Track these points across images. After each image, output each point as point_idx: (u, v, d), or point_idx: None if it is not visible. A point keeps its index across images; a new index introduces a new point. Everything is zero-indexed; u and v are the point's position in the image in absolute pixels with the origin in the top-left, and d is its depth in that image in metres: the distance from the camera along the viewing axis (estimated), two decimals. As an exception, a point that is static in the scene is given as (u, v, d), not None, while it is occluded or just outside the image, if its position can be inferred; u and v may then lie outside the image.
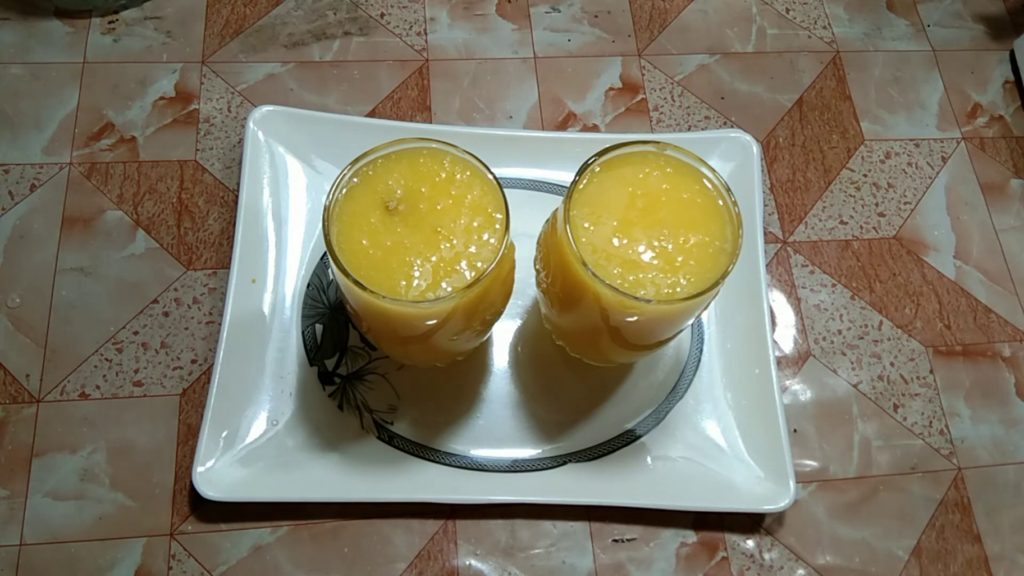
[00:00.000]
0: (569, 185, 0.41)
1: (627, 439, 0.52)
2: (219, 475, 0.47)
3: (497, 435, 0.51)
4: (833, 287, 0.59)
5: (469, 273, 0.39)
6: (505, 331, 0.54)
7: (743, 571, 0.50)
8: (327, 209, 0.40)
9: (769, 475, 0.50)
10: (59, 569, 0.47)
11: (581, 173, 0.42)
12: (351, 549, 0.49)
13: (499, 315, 0.46)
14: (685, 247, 0.40)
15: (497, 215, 0.41)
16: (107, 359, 0.52)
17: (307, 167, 0.57)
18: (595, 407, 0.52)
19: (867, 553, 0.51)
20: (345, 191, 0.41)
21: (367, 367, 0.52)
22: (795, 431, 0.54)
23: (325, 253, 0.54)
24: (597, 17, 0.67)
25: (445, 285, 0.39)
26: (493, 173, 0.41)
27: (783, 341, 0.57)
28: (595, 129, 0.62)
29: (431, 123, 0.61)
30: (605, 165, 0.42)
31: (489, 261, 0.39)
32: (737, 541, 0.51)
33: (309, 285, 0.54)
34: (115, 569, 0.47)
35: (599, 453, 0.51)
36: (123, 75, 0.60)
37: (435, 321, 0.41)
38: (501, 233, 0.40)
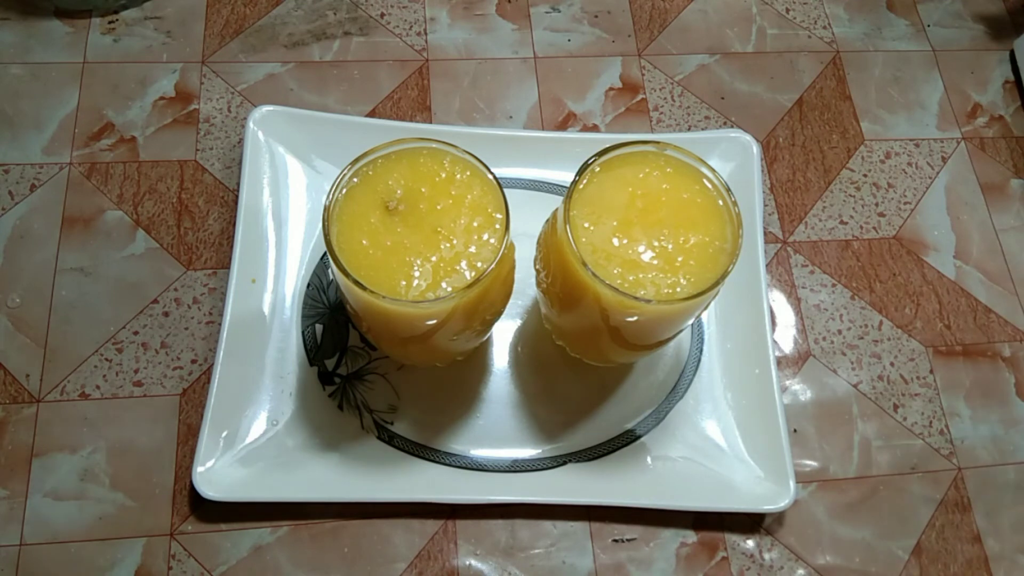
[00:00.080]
0: (569, 185, 0.41)
1: (627, 439, 0.52)
2: (219, 475, 0.47)
3: (497, 435, 0.51)
4: (833, 287, 0.59)
5: (469, 273, 0.39)
6: (505, 331, 0.54)
7: (743, 571, 0.50)
8: (327, 209, 0.40)
9: (769, 475, 0.50)
10: (59, 569, 0.47)
11: (581, 173, 0.42)
12: (351, 549, 0.49)
13: (499, 315, 0.46)
14: (685, 247, 0.40)
15: (497, 215, 0.41)
16: (107, 359, 0.52)
17: (307, 167, 0.56)
18: (595, 407, 0.52)
19: (867, 553, 0.51)
20: (345, 191, 0.41)
21: (367, 367, 0.52)
22: (795, 431, 0.54)
23: (325, 253, 0.54)
24: (597, 17, 0.67)
25: (445, 285, 0.39)
26: (493, 173, 0.41)
27: (783, 341, 0.57)
28: (595, 129, 0.62)
29: (431, 123, 0.61)
30: (605, 165, 0.42)
31: (489, 261, 0.39)
32: (737, 541, 0.51)
33: (309, 285, 0.54)
34: (115, 569, 0.47)
35: (599, 453, 0.51)
36: (123, 75, 0.60)
37: (435, 321, 0.41)
38: (501, 233, 0.40)
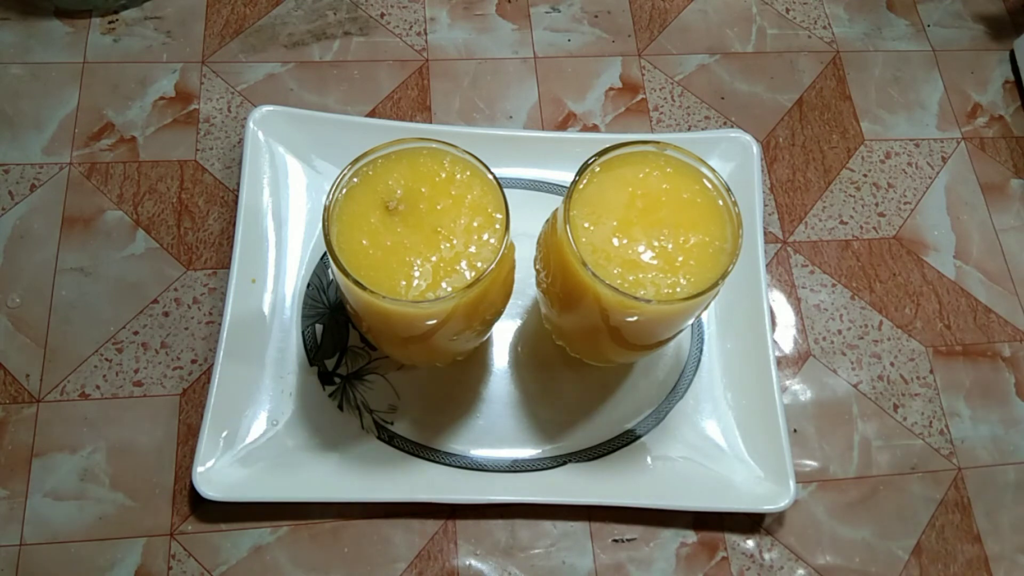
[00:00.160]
0: (569, 185, 0.41)
1: (627, 439, 0.52)
2: (219, 475, 0.47)
3: (497, 435, 0.51)
4: (833, 287, 0.59)
5: (469, 273, 0.39)
6: (505, 331, 0.54)
7: (743, 571, 0.50)
8: (327, 209, 0.40)
9: (769, 475, 0.50)
10: (59, 569, 0.47)
11: (581, 173, 0.42)
12: (351, 549, 0.49)
13: (499, 315, 0.46)
14: (685, 247, 0.40)
15: (497, 215, 0.41)
16: (107, 359, 0.52)
17: (307, 167, 0.56)
18: (595, 407, 0.52)
19: (867, 553, 0.51)
20: (345, 191, 0.41)
21: (367, 367, 0.52)
22: (795, 431, 0.54)
23: (325, 253, 0.54)
24: (597, 17, 0.67)
25: (445, 285, 0.39)
26: (493, 173, 0.41)
27: (783, 341, 0.57)
28: (595, 129, 0.62)
29: (431, 123, 0.61)
30: (605, 165, 0.42)
31: (489, 261, 0.39)
32: (737, 541, 0.51)
33: (309, 285, 0.54)
34: (115, 569, 0.47)
35: (599, 453, 0.51)
36: (123, 75, 0.60)
37: (435, 321, 0.41)
38: (501, 233, 0.40)
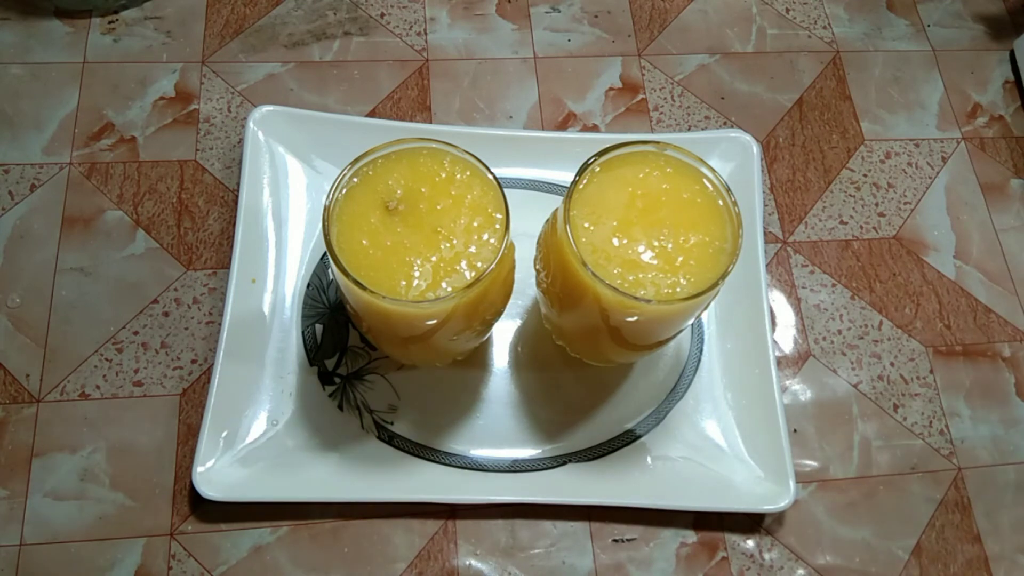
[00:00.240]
0: (569, 185, 0.41)
1: (627, 439, 0.52)
2: (219, 475, 0.47)
3: (497, 435, 0.51)
4: (833, 287, 0.59)
5: (469, 273, 0.39)
6: (505, 331, 0.54)
7: (743, 571, 0.50)
8: (327, 209, 0.40)
9: (769, 475, 0.50)
10: (59, 569, 0.47)
11: (581, 173, 0.42)
12: (351, 549, 0.49)
13: (499, 315, 0.46)
14: (685, 247, 0.40)
15: (497, 215, 0.41)
16: (107, 359, 0.52)
17: (307, 167, 0.56)
18: (595, 407, 0.52)
19: (867, 553, 0.51)
20: (345, 191, 0.41)
21: (367, 367, 0.52)
22: (795, 431, 0.54)
23: (325, 253, 0.54)
24: (597, 17, 0.67)
25: (445, 285, 0.39)
26: (493, 173, 0.41)
27: (783, 341, 0.57)
28: (595, 129, 0.62)
29: (431, 123, 0.61)
30: (605, 165, 0.42)
31: (489, 261, 0.39)
32: (737, 541, 0.51)
33: (309, 285, 0.54)
34: (115, 569, 0.47)
35: (599, 453, 0.51)
36: (123, 75, 0.60)
37: (435, 321, 0.41)
38: (501, 233, 0.40)
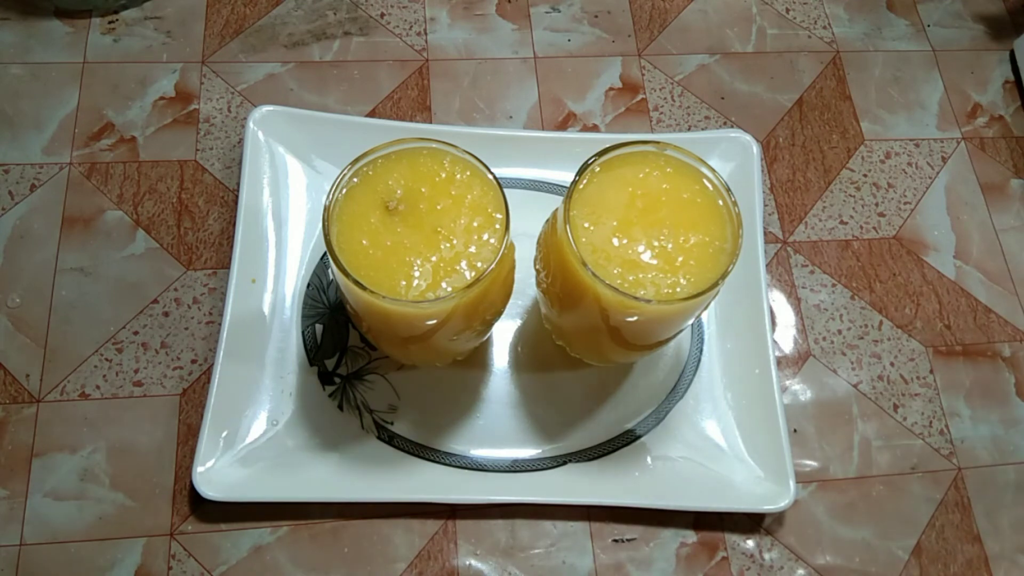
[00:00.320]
0: (569, 185, 0.41)
1: (627, 439, 0.52)
2: (219, 475, 0.47)
3: (497, 435, 0.51)
4: (833, 287, 0.59)
5: (469, 273, 0.39)
6: (505, 331, 0.54)
7: (743, 571, 0.50)
8: (327, 209, 0.40)
9: (769, 475, 0.50)
10: (59, 569, 0.47)
11: (581, 173, 0.42)
12: (351, 549, 0.49)
13: (499, 315, 0.46)
14: (685, 247, 0.40)
15: (497, 215, 0.41)
16: (107, 359, 0.52)
17: (307, 167, 0.56)
18: (595, 407, 0.52)
19: (867, 553, 0.51)
20: (345, 191, 0.41)
21: (367, 367, 0.52)
22: (795, 431, 0.54)
23: (325, 253, 0.54)
24: (597, 17, 0.67)
25: (445, 285, 0.39)
26: (493, 173, 0.41)
27: (783, 341, 0.57)
28: (595, 129, 0.62)
29: (431, 123, 0.61)
30: (605, 165, 0.42)
31: (489, 261, 0.39)
32: (737, 541, 0.51)
33: (309, 285, 0.54)
34: (115, 569, 0.47)
35: (599, 453, 0.51)
36: (123, 75, 0.60)
37: (435, 321, 0.41)
38: (501, 233, 0.40)
